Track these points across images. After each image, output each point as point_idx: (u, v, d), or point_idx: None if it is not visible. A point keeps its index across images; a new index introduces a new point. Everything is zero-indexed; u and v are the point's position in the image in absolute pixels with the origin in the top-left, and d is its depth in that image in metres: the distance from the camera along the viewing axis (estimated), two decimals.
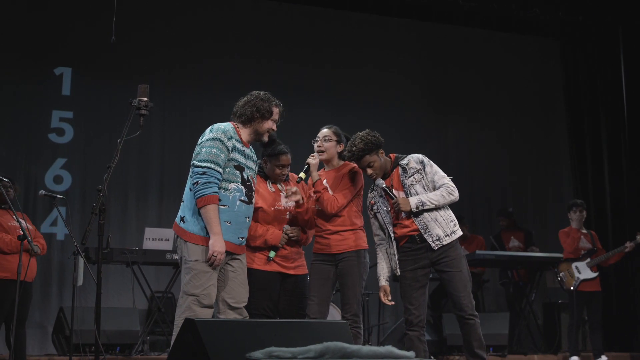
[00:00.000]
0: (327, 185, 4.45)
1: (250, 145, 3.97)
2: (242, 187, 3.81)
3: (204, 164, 3.71)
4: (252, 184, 3.91)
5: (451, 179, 4.32)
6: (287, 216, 4.36)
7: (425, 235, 4.23)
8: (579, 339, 7.56)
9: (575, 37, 9.52)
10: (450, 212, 4.33)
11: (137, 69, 7.94)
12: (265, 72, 8.26)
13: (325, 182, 4.46)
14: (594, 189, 9.14)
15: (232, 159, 3.79)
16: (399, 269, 4.31)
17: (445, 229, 4.24)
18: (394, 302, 4.49)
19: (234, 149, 3.80)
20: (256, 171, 4.04)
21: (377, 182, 4.42)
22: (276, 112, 3.95)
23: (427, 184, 4.30)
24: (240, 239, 3.83)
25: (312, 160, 4.45)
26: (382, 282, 4.39)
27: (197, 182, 3.70)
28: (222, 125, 3.85)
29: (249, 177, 3.88)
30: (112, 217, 7.61)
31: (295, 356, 2.58)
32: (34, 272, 5.47)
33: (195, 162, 3.76)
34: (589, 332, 7.39)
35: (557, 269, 7.26)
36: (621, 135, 9.11)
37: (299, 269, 4.41)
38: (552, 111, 9.68)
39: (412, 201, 4.22)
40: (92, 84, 7.96)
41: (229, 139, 3.78)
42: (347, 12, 8.97)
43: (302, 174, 4.43)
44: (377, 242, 4.46)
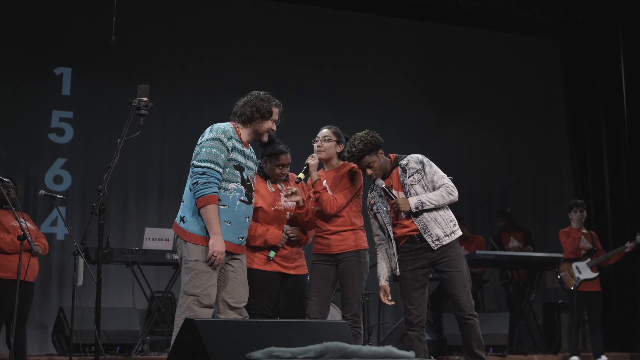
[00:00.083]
0: (327, 185, 4.45)
1: (250, 145, 3.97)
2: (242, 187, 3.81)
3: (203, 164, 3.71)
4: (252, 184, 3.91)
5: (451, 179, 4.33)
6: (287, 216, 4.36)
7: (424, 235, 4.23)
8: (579, 339, 7.57)
9: (575, 37, 9.52)
10: (449, 212, 4.33)
11: (137, 69, 7.94)
12: (265, 72, 8.26)
13: (325, 182, 4.46)
14: (594, 189, 9.14)
15: (232, 159, 3.79)
16: (399, 269, 4.32)
17: (444, 229, 4.24)
18: (394, 302, 4.49)
19: (233, 149, 3.80)
20: (256, 171, 4.04)
21: (376, 182, 4.42)
22: (276, 112, 3.94)
23: (427, 184, 4.30)
24: (240, 239, 3.83)
25: (311, 160, 4.45)
26: (382, 282, 4.39)
27: (197, 182, 3.70)
28: (221, 125, 3.85)
29: (249, 177, 3.88)
30: (112, 217, 7.61)
31: (295, 356, 2.58)
32: (36, 272, 5.46)
33: (195, 162, 3.76)
34: (589, 332, 7.39)
35: (557, 268, 7.26)
36: (621, 135, 9.11)
37: (299, 269, 4.42)
38: (552, 111, 9.68)
39: (412, 201, 4.22)
40: (92, 84, 7.96)
41: (228, 139, 3.78)
42: (347, 12, 8.97)
43: (301, 174, 4.43)
44: (377, 242, 4.46)
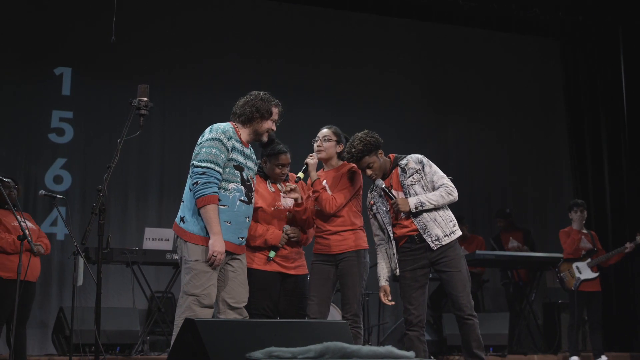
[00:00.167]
0: (327, 185, 4.45)
1: (249, 145, 3.97)
2: (241, 187, 3.81)
3: (203, 164, 3.71)
4: (252, 184, 3.91)
5: (451, 179, 4.32)
6: (287, 216, 4.36)
7: (424, 235, 4.23)
8: (579, 339, 7.56)
9: (575, 37, 9.52)
10: (449, 212, 4.33)
11: (137, 69, 7.94)
12: (265, 72, 8.26)
13: (324, 182, 4.46)
14: (594, 189, 9.13)
15: (232, 159, 3.79)
16: (399, 269, 4.32)
17: (444, 229, 4.24)
18: (394, 302, 4.48)
19: (233, 149, 3.80)
20: (256, 171, 4.04)
21: (376, 182, 4.42)
22: (275, 112, 3.94)
23: (426, 184, 4.30)
24: (240, 239, 3.83)
25: (310, 160, 4.45)
26: (382, 282, 4.39)
27: (197, 182, 3.70)
28: (221, 125, 3.85)
29: (249, 177, 3.88)
30: (112, 217, 7.61)
31: (295, 356, 2.58)
32: (38, 272, 5.46)
33: (194, 162, 3.76)
34: (589, 332, 7.39)
35: (558, 268, 7.26)
36: (621, 135, 9.11)
37: (299, 269, 4.41)
38: (552, 111, 9.68)
39: (411, 202, 4.22)
40: (92, 84, 7.95)
41: (228, 139, 3.78)
42: (347, 12, 8.96)
43: (301, 173, 4.43)
44: (377, 242, 4.46)
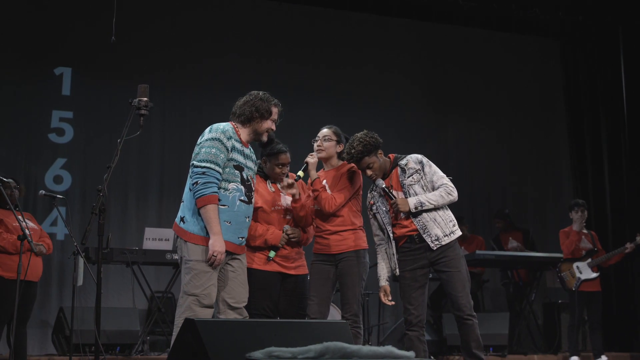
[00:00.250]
0: (326, 184, 4.45)
1: (249, 145, 3.97)
2: (241, 187, 3.81)
3: (203, 164, 3.71)
4: (252, 184, 3.91)
5: (450, 179, 4.32)
6: (287, 216, 4.36)
7: (424, 235, 4.23)
8: (579, 339, 7.56)
9: (575, 37, 9.52)
10: (449, 212, 4.33)
11: (137, 69, 7.94)
12: (265, 72, 8.26)
13: (324, 182, 4.46)
14: (594, 189, 9.14)
15: (232, 159, 3.79)
16: (398, 269, 4.32)
17: (444, 229, 4.24)
18: (394, 302, 4.48)
19: (233, 149, 3.80)
20: (255, 171, 4.04)
21: (376, 182, 4.42)
22: (275, 112, 3.94)
23: (426, 184, 4.30)
24: (240, 239, 3.83)
25: (310, 159, 4.45)
26: (382, 282, 4.39)
27: (197, 182, 3.70)
28: (221, 125, 3.85)
29: (249, 177, 3.88)
30: (112, 217, 7.62)
31: (295, 356, 2.58)
32: (40, 272, 5.46)
33: (194, 162, 3.76)
34: (589, 332, 7.39)
35: (558, 268, 7.25)
36: (621, 135, 9.11)
37: (299, 269, 4.41)
38: (552, 111, 9.68)
39: (411, 202, 4.21)
40: (92, 84, 7.96)
41: (228, 139, 3.78)
42: (347, 12, 8.96)
43: (301, 172, 4.43)
44: (377, 242, 4.46)
